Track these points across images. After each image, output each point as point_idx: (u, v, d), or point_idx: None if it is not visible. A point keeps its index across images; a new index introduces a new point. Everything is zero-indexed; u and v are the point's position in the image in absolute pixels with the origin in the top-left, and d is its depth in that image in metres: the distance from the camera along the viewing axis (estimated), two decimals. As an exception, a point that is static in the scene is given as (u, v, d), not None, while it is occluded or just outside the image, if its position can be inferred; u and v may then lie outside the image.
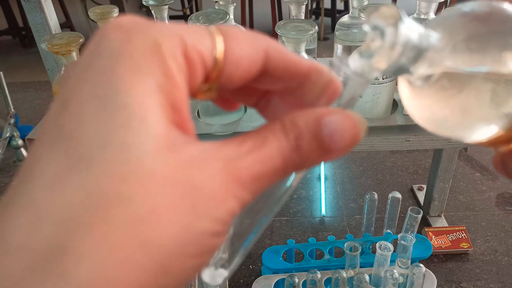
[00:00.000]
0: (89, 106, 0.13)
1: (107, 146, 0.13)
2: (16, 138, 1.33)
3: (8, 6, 2.95)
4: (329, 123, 0.16)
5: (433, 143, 0.73)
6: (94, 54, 0.14)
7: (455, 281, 0.89)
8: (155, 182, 0.13)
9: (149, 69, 0.14)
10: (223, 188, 0.14)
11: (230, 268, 0.17)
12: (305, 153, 0.16)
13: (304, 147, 0.16)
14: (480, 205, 1.09)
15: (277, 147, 0.15)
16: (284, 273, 0.79)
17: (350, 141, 0.16)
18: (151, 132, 0.13)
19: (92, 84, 0.13)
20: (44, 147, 0.13)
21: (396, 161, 1.27)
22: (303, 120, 0.16)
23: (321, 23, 2.87)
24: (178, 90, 0.14)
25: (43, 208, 0.12)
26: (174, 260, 0.13)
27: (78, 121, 0.13)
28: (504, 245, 0.96)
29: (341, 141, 0.16)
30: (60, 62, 0.66)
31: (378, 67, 0.18)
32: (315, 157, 0.16)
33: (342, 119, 0.16)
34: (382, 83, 0.70)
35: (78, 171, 0.12)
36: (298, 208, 1.11)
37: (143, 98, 0.13)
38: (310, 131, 0.16)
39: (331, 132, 0.16)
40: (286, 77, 0.18)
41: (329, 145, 0.16)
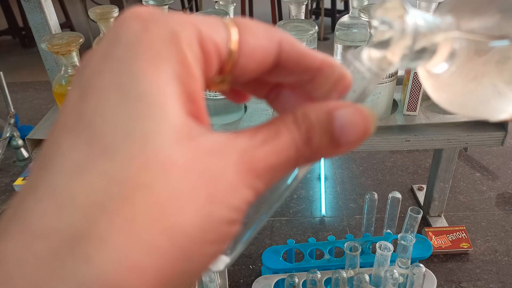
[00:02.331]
0: (110, 95, 0.13)
1: (129, 134, 0.13)
2: (16, 138, 1.33)
3: (8, 6, 2.95)
4: (340, 117, 0.16)
5: (433, 143, 0.73)
6: (113, 43, 0.14)
7: (455, 281, 0.89)
8: (175, 170, 0.13)
9: (167, 58, 0.14)
10: (239, 177, 0.14)
11: (232, 255, 0.18)
12: (315, 146, 0.16)
13: (315, 140, 0.16)
14: (480, 205, 1.09)
15: (290, 139, 0.16)
16: (284, 273, 0.79)
17: (361, 135, 0.16)
18: (170, 121, 0.13)
19: (112, 73, 0.13)
20: (64, 135, 0.13)
21: (396, 161, 1.27)
22: (315, 113, 0.16)
23: (321, 23, 2.87)
24: (194, 80, 0.15)
25: (66, 194, 0.12)
26: (195, 246, 0.13)
27: (99, 110, 0.13)
28: (504, 245, 0.96)
29: (352, 135, 0.16)
30: (60, 62, 0.66)
31: (391, 60, 0.18)
32: (325, 150, 0.16)
33: (353, 112, 0.16)
34: (382, 83, 0.70)
35: (101, 159, 0.13)
36: (298, 208, 1.11)
37: (162, 87, 0.13)
38: (321, 124, 0.16)
39: (342, 126, 0.16)
40: (298, 70, 0.18)
41: (339, 139, 0.16)
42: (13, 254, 0.12)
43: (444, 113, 0.73)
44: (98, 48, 0.15)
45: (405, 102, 0.72)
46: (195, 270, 0.14)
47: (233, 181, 0.14)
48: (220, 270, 0.17)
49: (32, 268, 0.12)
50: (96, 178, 0.12)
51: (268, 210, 0.18)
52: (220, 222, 0.14)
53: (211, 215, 0.14)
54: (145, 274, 0.12)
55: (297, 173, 0.19)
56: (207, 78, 0.16)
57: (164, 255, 0.13)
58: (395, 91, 0.74)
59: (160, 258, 0.13)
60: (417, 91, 0.70)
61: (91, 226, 0.12)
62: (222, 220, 0.14)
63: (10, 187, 1.22)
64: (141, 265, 0.12)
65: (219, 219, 0.14)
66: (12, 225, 0.12)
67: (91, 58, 0.14)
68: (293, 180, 0.19)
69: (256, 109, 0.76)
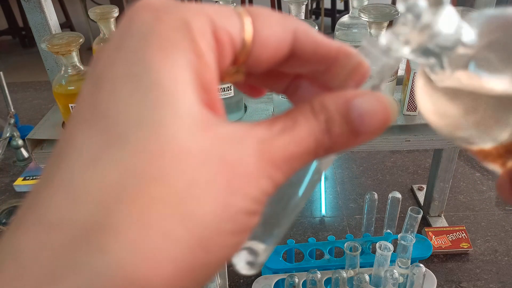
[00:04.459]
0: (123, 85, 0.13)
1: (143, 124, 0.13)
2: (16, 138, 1.33)
3: (8, 6, 2.95)
4: (359, 105, 0.16)
5: (433, 143, 0.73)
6: (125, 34, 0.14)
7: (455, 281, 0.89)
8: (190, 158, 0.13)
9: (180, 48, 0.14)
10: (257, 167, 0.14)
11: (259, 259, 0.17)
12: (335, 136, 0.16)
13: (334, 130, 0.15)
14: (480, 205, 1.09)
15: (308, 129, 0.15)
16: (284, 273, 0.79)
17: (381, 124, 0.16)
18: (185, 110, 0.13)
19: (125, 63, 0.13)
20: (79, 126, 0.13)
21: (396, 161, 1.27)
22: (333, 103, 0.16)
23: (321, 23, 2.87)
24: (208, 69, 0.14)
25: (81, 186, 0.12)
26: (213, 236, 0.13)
27: (113, 100, 0.13)
28: (504, 245, 0.96)
29: (372, 124, 0.16)
30: (60, 62, 0.66)
31: (407, 47, 0.17)
32: (344, 140, 0.16)
33: (372, 101, 0.16)
34: (382, 83, 0.70)
35: (115, 149, 0.13)
36: (298, 208, 1.11)
37: (176, 76, 0.13)
38: (340, 113, 0.15)
39: (361, 115, 0.15)
40: (314, 59, 0.17)
41: (359, 128, 0.16)
42: (29, 246, 0.12)
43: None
44: (111, 40, 0.14)
45: (405, 102, 0.72)
46: (214, 261, 0.14)
47: (252, 171, 0.14)
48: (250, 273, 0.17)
49: (47, 260, 0.12)
50: (110, 168, 0.12)
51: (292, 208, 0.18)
52: (239, 212, 0.14)
53: (229, 205, 0.13)
54: (162, 264, 0.12)
55: (317, 165, 0.18)
56: (221, 69, 0.15)
57: (181, 245, 0.12)
58: (395, 91, 0.74)
59: (177, 248, 0.12)
60: (417, 91, 0.70)
61: (106, 217, 0.12)
62: (241, 210, 0.14)
63: (10, 187, 1.21)
64: (158, 255, 0.12)
65: (237, 209, 0.14)
66: (28, 217, 0.12)
67: (104, 51, 0.14)
68: (314, 173, 0.18)
69: (256, 109, 0.76)
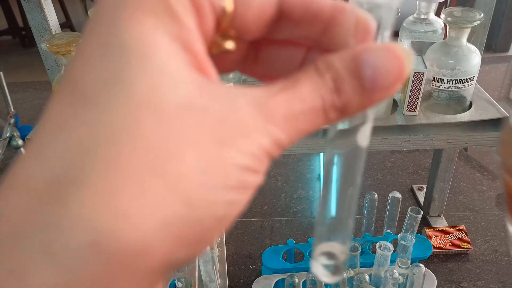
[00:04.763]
0: (95, 53, 0.13)
1: (113, 83, 0.12)
2: (16, 138, 1.33)
3: (8, 6, 2.95)
4: (369, 59, 0.14)
5: (433, 143, 0.73)
6: (101, 7, 0.14)
7: (455, 281, 0.89)
8: (169, 110, 0.12)
9: (152, 11, 0.13)
10: (253, 121, 0.13)
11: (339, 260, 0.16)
12: (346, 95, 0.14)
13: (344, 89, 0.14)
14: (480, 205, 1.08)
15: (311, 87, 0.14)
16: (284, 273, 0.79)
17: (396, 76, 0.14)
18: (160, 67, 0.13)
19: (98, 34, 0.13)
20: (53, 97, 0.13)
21: (396, 161, 1.27)
22: (340, 60, 0.14)
23: (321, 23, 2.86)
24: (188, 32, 0.14)
25: (49, 145, 0.12)
26: (198, 190, 0.12)
27: (83, 66, 0.13)
28: (504, 245, 0.96)
29: (386, 78, 0.14)
30: (60, 62, 0.66)
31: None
32: (358, 99, 0.14)
33: (384, 52, 0.14)
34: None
35: (84, 109, 0.12)
36: (298, 208, 1.11)
37: (148, 37, 0.13)
38: (349, 70, 0.14)
39: (373, 69, 0.14)
40: (306, 19, 0.16)
41: (373, 84, 0.14)
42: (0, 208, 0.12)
43: (444, 113, 0.73)
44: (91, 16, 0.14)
45: (405, 102, 0.72)
46: (206, 219, 0.13)
47: (245, 124, 0.13)
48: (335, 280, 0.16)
49: (13, 221, 0.11)
50: (79, 126, 0.12)
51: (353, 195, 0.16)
52: (233, 166, 0.13)
53: (219, 158, 0.13)
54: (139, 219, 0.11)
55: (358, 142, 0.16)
56: (205, 35, 0.15)
57: (159, 199, 0.12)
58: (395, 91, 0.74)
59: (154, 202, 0.12)
60: (417, 91, 0.70)
61: (70, 170, 0.12)
62: (234, 164, 0.13)
63: (10, 187, 1.21)
64: (133, 210, 0.11)
65: (230, 163, 0.13)
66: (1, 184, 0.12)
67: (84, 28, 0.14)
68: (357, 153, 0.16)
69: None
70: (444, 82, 0.71)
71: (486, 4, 0.74)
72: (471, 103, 0.75)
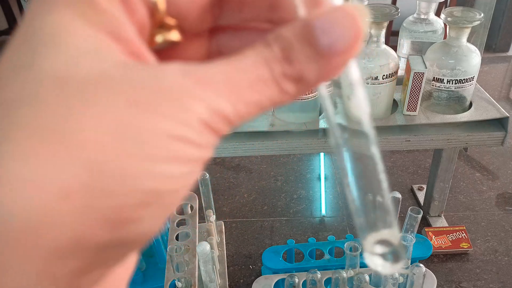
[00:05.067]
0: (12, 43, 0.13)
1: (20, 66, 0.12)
2: (16, 138, 1.33)
3: (8, 6, 2.96)
4: (321, 24, 0.13)
5: (433, 143, 0.73)
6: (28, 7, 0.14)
7: (455, 281, 0.89)
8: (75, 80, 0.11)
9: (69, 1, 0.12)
10: (181, 86, 0.12)
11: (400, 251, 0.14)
12: (299, 63, 0.13)
13: (296, 57, 0.13)
14: (480, 205, 1.08)
15: (255, 57, 0.13)
16: (284, 273, 0.79)
17: (352, 36, 0.13)
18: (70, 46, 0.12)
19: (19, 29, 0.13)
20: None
21: (396, 161, 1.27)
22: (289, 30, 0.14)
23: (321, 23, 2.87)
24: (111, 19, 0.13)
25: None
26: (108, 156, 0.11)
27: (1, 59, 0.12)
28: (504, 245, 0.96)
29: (342, 40, 0.13)
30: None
31: None
32: (315, 67, 0.14)
33: (334, 14, 0.13)
34: (382, 83, 0.70)
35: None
36: (298, 208, 1.11)
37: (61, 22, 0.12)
38: (300, 38, 0.13)
39: (326, 33, 0.13)
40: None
41: (329, 49, 0.13)
42: None
43: (444, 113, 0.73)
44: None
45: (405, 102, 0.72)
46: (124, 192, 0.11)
47: (173, 90, 0.12)
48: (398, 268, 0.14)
49: None
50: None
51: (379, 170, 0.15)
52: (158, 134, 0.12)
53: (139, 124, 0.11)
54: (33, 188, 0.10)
55: None
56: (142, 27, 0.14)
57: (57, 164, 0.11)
58: (395, 91, 0.74)
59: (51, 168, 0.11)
60: (417, 91, 0.70)
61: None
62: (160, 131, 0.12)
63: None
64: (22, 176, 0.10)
65: (154, 129, 0.12)
66: None
67: None
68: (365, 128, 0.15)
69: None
70: (444, 82, 0.71)
71: (486, 4, 0.74)
72: (471, 103, 0.75)
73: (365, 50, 0.70)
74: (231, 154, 0.74)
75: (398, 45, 0.85)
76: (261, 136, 0.72)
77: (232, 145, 0.72)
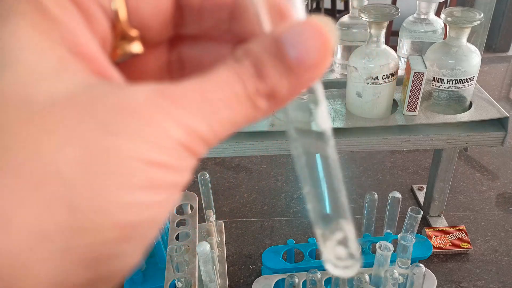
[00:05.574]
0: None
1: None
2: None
3: None
4: (290, 38, 0.13)
5: (433, 143, 0.73)
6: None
7: (455, 281, 0.89)
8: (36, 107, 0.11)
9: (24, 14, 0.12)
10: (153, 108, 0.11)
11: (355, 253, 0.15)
12: (271, 79, 0.13)
13: (268, 73, 0.13)
14: (480, 205, 1.09)
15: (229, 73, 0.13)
16: (284, 273, 0.79)
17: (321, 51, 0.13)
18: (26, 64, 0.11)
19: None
20: None
21: (396, 161, 1.27)
22: (258, 45, 0.13)
23: (321, 23, 2.87)
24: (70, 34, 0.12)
25: None
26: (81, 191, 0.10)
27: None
28: (504, 245, 0.96)
29: (311, 55, 0.13)
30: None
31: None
32: (286, 82, 0.13)
33: (302, 28, 0.13)
34: (382, 83, 0.70)
35: None
36: (298, 208, 1.11)
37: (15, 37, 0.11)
38: (270, 53, 0.13)
39: (296, 48, 0.13)
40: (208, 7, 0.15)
41: (298, 64, 0.13)
42: None
43: (444, 113, 0.73)
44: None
45: (405, 102, 0.72)
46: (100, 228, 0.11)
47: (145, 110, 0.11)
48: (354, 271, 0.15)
49: None
50: None
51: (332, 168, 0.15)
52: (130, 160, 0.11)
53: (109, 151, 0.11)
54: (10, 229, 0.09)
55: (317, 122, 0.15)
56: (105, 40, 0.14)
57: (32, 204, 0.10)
58: (395, 91, 0.74)
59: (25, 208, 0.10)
60: (417, 91, 0.70)
61: None
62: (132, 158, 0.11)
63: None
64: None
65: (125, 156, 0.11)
66: None
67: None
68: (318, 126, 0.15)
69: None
70: (444, 82, 0.71)
71: (486, 4, 0.74)
72: (471, 103, 0.75)
73: (365, 50, 0.70)
74: (231, 154, 0.74)
75: (398, 45, 0.85)
76: (261, 136, 0.72)
77: (232, 145, 0.72)
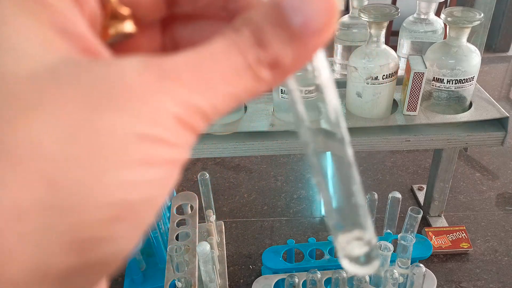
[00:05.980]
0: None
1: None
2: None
3: None
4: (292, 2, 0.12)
5: (433, 143, 0.73)
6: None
7: (455, 281, 0.89)
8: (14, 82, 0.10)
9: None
10: (147, 82, 0.11)
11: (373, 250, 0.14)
12: (273, 48, 0.12)
13: (269, 41, 0.12)
14: (480, 205, 1.09)
15: (226, 43, 0.12)
16: (284, 273, 0.79)
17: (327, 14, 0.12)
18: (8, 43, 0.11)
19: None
20: None
21: (396, 161, 1.27)
22: (258, 12, 0.12)
23: (321, 23, 2.87)
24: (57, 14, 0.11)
25: None
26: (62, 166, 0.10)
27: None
28: (504, 245, 0.96)
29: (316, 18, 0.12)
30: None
31: None
32: (290, 50, 0.12)
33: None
34: (382, 83, 0.70)
35: None
36: (298, 208, 1.11)
37: None
38: (271, 20, 0.12)
39: (299, 12, 0.12)
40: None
41: (303, 29, 0.12)
42: None
43: (444, 113, 0.73)
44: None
45: (405, 102, 0.72)
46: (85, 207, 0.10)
47: (135, 85, 0.11)
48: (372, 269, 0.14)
49: None
50: None
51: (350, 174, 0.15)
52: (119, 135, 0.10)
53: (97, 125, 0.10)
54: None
55: None
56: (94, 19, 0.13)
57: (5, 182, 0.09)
58: (395, 91, 0.74)
59: None
60: (417, 91, 0.70)
61: None
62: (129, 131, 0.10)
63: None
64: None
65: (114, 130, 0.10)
66: None
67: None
68: None
69: (257, 109, 0.76)
70: (444, 82, 0.71)
71: (486, 4, 0.74)
72: (471, 103, 0.75)
73: (365, 50, 0.70)
74: (231, 154, 0.74)
75: (398, 45, 0.85)
76: (261, 136, 0.72)
77: (232, 145, 0.72)
